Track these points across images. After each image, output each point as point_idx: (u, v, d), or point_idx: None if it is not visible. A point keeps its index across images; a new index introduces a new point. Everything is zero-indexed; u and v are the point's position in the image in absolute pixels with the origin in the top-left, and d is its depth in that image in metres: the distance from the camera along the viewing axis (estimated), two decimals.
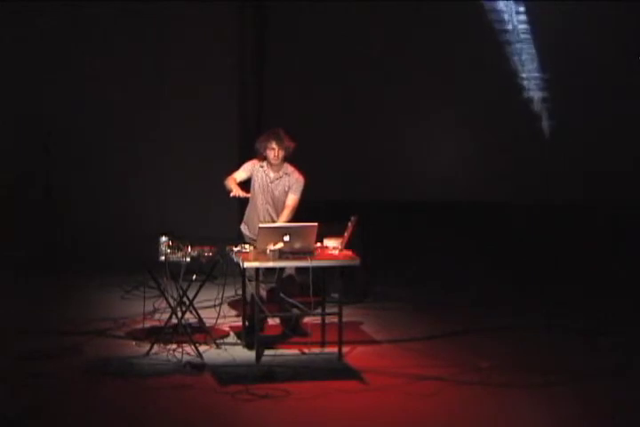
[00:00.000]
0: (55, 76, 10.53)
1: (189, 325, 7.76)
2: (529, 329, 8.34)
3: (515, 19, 11.45)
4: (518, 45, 11.44)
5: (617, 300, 9.26)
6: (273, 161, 7.87)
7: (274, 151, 7.82)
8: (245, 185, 7.97)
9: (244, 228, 8.06)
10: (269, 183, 7.92)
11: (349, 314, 8.42)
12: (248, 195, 7.87)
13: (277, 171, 7.91)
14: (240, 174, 7.94)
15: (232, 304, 8.78)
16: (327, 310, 7.80)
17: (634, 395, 6.72)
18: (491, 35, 11.49)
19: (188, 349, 7.49)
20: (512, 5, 11.43)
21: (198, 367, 7.18)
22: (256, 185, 7.95)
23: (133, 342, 7.80)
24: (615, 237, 10.82)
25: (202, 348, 7.53)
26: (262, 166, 7.94)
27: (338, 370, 7.19)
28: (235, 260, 7.49)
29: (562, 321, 8.56)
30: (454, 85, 11.54)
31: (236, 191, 7.74)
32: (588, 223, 11.05)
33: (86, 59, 10.54)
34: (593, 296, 9.41)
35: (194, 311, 7.75)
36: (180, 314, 7.62)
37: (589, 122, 11.46)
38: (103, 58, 10.55)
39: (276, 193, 7.92)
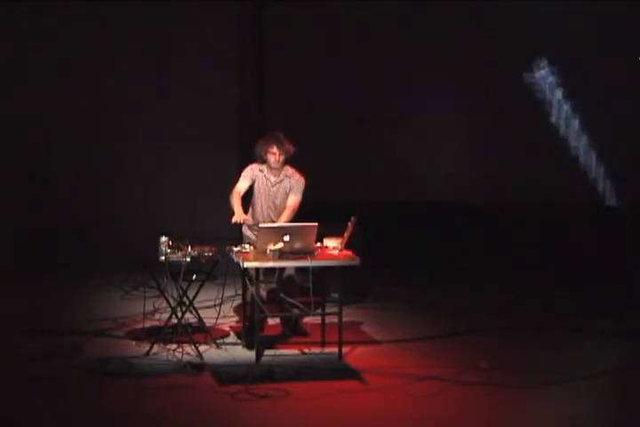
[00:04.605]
0: (54, 75, 10.54)
1: (189, 325, 7.76)
2: (529, 329, 8.34)
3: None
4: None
5: (618, 300, 9.27)
6: (274, 165, 7.84)
7: (275, 156, 7.80)
8: (249, 191, 7.95)
9: (244, 228, 8.05)
10: (270, 187, 7.90)
11: (349, 314, 8.42)
12: (248, 218, 7.84)
13: (278, 174, 7.89)
14: (242, 185, 7.89)
15: (236, 310, 8.76)
16: (327, 310, 7.80)
17: (634, 395, 6.72)
18: (491, 34, 11.52)
19: (188, 349, 7.49)
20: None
21: (198, 367, 7.17)
22: (257, 189, 7.93)
23: (133, 342, 7.79)
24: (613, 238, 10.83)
25: (202, 348, 7.53)
26: (262, 171, 7.92)
27: (338, 370, 7.18)
28: (235, 260, 7.49)
29: (562, 321, 8.58)
30: (456, 85, 11.54)
31: (238, 217, 7.69)
32: (587, 224, 11.05)
33: (86, 58, 10.54)
34: (593, 296, 9.42)
35: (194, 311, 7.75)
36: (180, 314, 7.61)
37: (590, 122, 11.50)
38: (103, 57, 10.55)
39: (278, 196, 7.90)
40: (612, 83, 11.26)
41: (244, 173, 7.95)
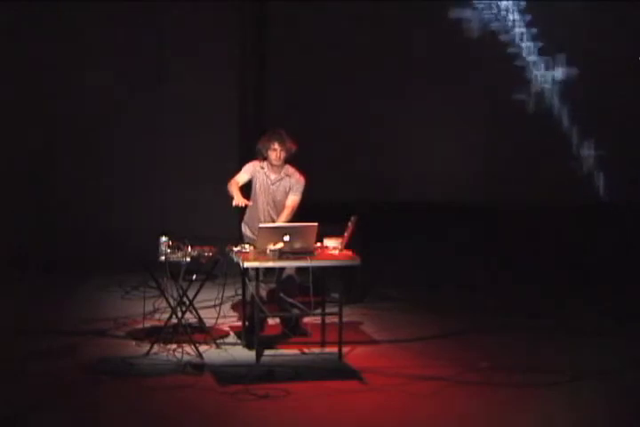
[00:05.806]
0: (54, 74, 10.53)
1: (189, 325, 7.76)
2: (529, 329, 8.33)
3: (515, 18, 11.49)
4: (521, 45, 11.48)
5: (618, 300, 9.27)
6: (275, 162, 7.85)
7: (276, 152, 7.81)
8: (247, 187, 7.96)
9: (244, 228, 8.05)
10: (270, 185, 7.91)
11: (349, 314, 8.43)
12: (250, 203, 7.84)
13: (278, 172, 7.90)
14: (242, 177, 7.91)
15: (234, 307, 8.76)
16: (327, 310, 7.80)
17: (634, 395, 6.72)
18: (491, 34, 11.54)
19: (188, 349, 7.49)
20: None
21: (198, 367, 7.18)
22: (257, 186, 7.94)
23: (133, 342, 7.80)
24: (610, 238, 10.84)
25: (202, 348, 7.53)
26: (263, 168, 7.93)
27: (338, 370, 7.18)
28: (235, 260, 7.49)
29: (562, 321, 8.58)
30: (455, 85, 11.53)
31: (238, 200, 7.70)
32: (584, 224, 11.06)
33: (85, 58, 10.54)
34: (592, 296, 9.43)
35: (194, 311, 7.75)
36: (180, 314, 7.61)
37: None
38: (103, 56, 10.55)
39: (277, 194, 7.90)
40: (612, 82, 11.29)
41: (245, 168, 7.96)
